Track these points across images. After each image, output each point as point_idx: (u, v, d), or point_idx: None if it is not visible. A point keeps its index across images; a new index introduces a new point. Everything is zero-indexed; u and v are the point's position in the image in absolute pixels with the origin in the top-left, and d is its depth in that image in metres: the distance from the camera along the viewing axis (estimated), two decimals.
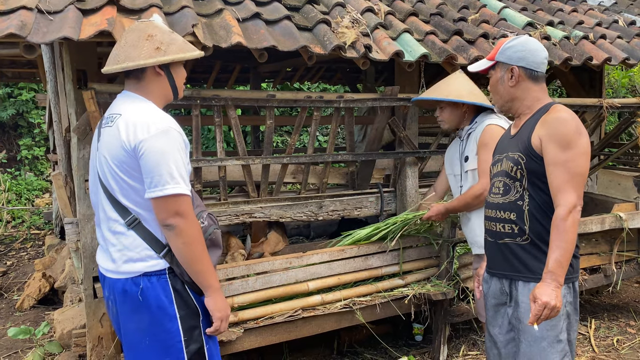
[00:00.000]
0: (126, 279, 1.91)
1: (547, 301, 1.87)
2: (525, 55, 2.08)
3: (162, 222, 1.85)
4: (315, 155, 3.36)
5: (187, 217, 1.85)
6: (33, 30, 2.23)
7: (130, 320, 1.94)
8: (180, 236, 1.84)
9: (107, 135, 1.90)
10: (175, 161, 1.82)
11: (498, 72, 2.15)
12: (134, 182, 1.86)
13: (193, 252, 1.87)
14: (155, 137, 1.81)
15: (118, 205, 1.90)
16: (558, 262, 1.90)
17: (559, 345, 2.04)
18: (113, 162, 1.86)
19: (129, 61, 1.87)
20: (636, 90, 11.18)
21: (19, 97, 9.05)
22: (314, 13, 3.06)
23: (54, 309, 4.38)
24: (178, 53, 1.93)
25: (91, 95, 2.52)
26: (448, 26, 3.48)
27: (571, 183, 1.93)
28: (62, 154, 3.96)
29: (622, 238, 3.93)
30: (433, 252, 3.42)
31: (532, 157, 2.03)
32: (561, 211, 1.92)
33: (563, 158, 1.94)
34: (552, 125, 1.98)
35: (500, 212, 2.14)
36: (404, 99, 3.37)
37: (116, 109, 1.94)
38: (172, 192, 1.80)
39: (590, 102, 3.94)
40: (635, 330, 4.04)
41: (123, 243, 1.91)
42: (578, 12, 4.50)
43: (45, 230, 7.32)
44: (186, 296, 1.95)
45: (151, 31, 1.91)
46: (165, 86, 1.98)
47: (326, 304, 3.04)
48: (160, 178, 1.80)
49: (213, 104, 2.89)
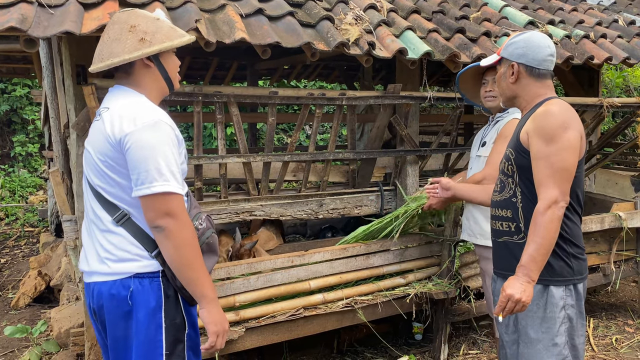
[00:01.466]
0: (114, 281, 1.71)
1: (511, 293, 1.84)
2: (526, 52, 2.04)
3: (150, 224, 1.69)
4: (316, 153, 3.34)
5: (178, 218, 1.67)
6: (34, 24, 2.19)
7: (117, 328, 1.74)
8: (170, 239, 1.67)
9: (94, 129, 1.78)
10: (164, 156, 1.65)
11: (502, 68, 2.13)
12: (120, 179, 1.71)
13: (185, 256, 1.68)
14: (142, 130, 1.64)
15: (105, 201, 1.74)
16: (531, 257, 1.86)
17: (554, 349, 1.99)
18: (97, 156, 1.72)
19: (113, 57, 1.72)
20: (630, 91, 11.24)
21: (12, 93, 8.96)
22: (317, 9, 3.03)
23: (50, 307, 4.33)
24: (164, 42, 1.77)
25: (92, 91, 2.48)
26: (450, 24, 3.46)
27: (553, 178, 1.88)
28: (59, 150, 3.91)
29: (621, 237, 3.94)
30: (434, 251, 3.41)
31: (520, 152, 2.00)
32: (540, 205, 1.89)
33: (546, 152, 1.90)
34: (538, 118, 1.95)
35: (499, 209, 2.12)
36: (407, 96, 3.35)
37: (106, 103, 1.80)
38: (160, 190, 1.64)
39: (590, 101, 3.94)
40: (634, 329, 4.05)
41: (112, 241, 1.73)
42: (578, 11, 4.49)
43: (40, 227, 7.25)
44: (176, 305, 1.77)
45: (133, 21, 1.75)
46: (157, 78, 1.82)
47: (328, 303, 3.02)
48: (147, 174, 1.63)
49: (215, 100, 2.86)
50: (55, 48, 3.41)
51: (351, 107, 3.32)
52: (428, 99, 3.38)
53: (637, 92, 10.96)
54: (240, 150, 3.12)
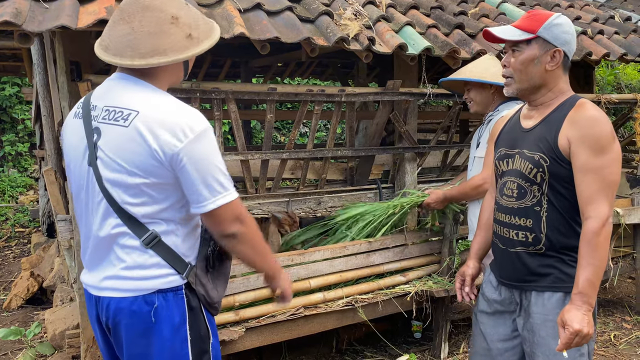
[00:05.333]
0: (135, 297, 1.59)
1: (580, 329, 1.67)
2: (571, 40, 1.83)
3: (221, 234, 1.61)
4: (315, 150, 3.30)
5: (245, 220, 1.62)
6: (28, 19, 2.13)
7: (136, 345, 1.62)
8: (245, 242, 1.63)
9: (117, 136, 1.52)
10: (219, 165, 1.56)
11: (535, 49, 1.82)
12: (158, 195, 1.56)
13: (260, 251, 1.71)
14: (195, 142, 1.50)
15: (131, 219, 1.57)
16: (590, 282, 1.69)
17: (581, 359, 1.85)
18: (136, 173, 1.51)
19: (159, 56, 1.52)
20: (621, 88, 11.31)
21: (1, 92, 8.83)
22: (316, 4, 2.99)
23: (43, 308, 4.26)
24: (210, 37, 1.63)
25: (87, 87, 2.43)
26: (449, 20, 3.44)
27: (604, 192, 1.72)
28: (52, 149, 3.84)
29: (619, 234, 3.94)
30: (434, 248, 3.38)
31: (557, 160, 1.79)
32: (594, 224, 1.71)
33: (597, 164, 1.71)
34: (585, 125, 1.74)
35: (515, 218, 1.92)
36: (406, 93, 3.32)
37: (122, 101, 1.55)
38: (225, 201, 1.56)
39: (588, 97, 3.92)
40: (631, 325, 4.06)
41: (136, 260, 1.58)
42: (575, 7, 4.50)
43: (31, 227, 7.15)
44: (200, 316, 1.70)
45: (171, 9, 1.54)
46: (179, 70, 1.67)
47: (328, 301, 2.99)
48: (211, 189, 1.53)
49: (213, 97, 2.82)
50: (47, 44, 3.34)
51: (350, 104, 3.29)
52: (427, 95, 3.36)
53: (629, 89, 11.03)
54: (238, 147, 3.08)
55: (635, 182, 4.70)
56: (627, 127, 7.96)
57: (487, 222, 2.17)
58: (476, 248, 2.21)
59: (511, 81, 1.90)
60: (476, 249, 2.21)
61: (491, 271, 2.13)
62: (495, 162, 2.06)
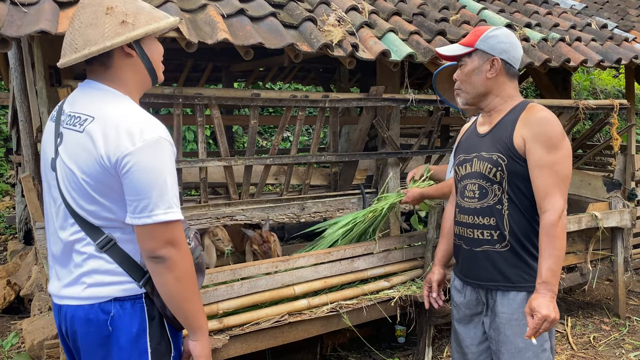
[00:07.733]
0: (91, 304, 1.52)
1: (547, 314, 1.78)
2: (508, 48, 1.96)
3: (148, 254, 1.49)
4: (298, 156, 3.30)
5: (181, 247, 1.50)
6: (6, 23, 2.09)
7: (94, 356, 1.55)
8: (171, 270, 1.49)
9: (73, 142, 1.50)
10: (167, 180, 1.46)
11: (475, 61, 1.97)
12: (109, 203, 1.50)
13: (186, 289, 1.52)
14: (142, 151, 1.42)
15: (88, 225, 1.52)
16: (551, 271, 1.81)
17: (543, 354, 1.95)
18: (83, 178, 1.48)
19: (90, 46, 1.46)
20: (597, 93, 11.55)
21: None
22: (299, 10, 2.99)
23: (20, 318, 4.17)
24: (150, 23, 1.54)
25: (67, 93, 2.38)
26: (431, 26, 3.47)
27: (558, 186, 1.84)
28: (29, 155, 3.78)
29: (597, 237, 4.01)
30: (418, 253, 3.40)
31: (514, 158, 1.91)
32: (551, 217, 1.83)
33: (550, 160, 1.84)
34: (537, 124, 1.87)
35: (479, 217, 2.01)
36: (389, 99, 3.34)
37: (83, 107, 1.52)
38: (163, 219, 1.45)
39: (567, 103, 4.01)
40: (610, 327, 4.13)
41: (91, 266, 1.52)
42: (553, 14, 4.58)
43: (7, 235, 6.99)
44: (161, 328, 1.60)
45: (109, 2, 1.50)
46: (140, 69, 1.58)
47: (312, 308, 2.97)
48: (149, 202, 1.44)
49: (196, 102, 2.79)
50: (25, 48, 3.28)
51: (334, 110, 3.29)
52: (410, 101, 3.38)
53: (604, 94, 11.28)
54: (221, 153, 3.06)
55: (612, 186, 4.80)
56: (603, 132, 8.12)
57: (449, 230, 2.28)
58: (440, 255, 2.34)
59: (460, 92, 2.06)
60: (440, 256, 2.34)
61: (455, 276, 2.21)
62: (454, 168, 2.17)
